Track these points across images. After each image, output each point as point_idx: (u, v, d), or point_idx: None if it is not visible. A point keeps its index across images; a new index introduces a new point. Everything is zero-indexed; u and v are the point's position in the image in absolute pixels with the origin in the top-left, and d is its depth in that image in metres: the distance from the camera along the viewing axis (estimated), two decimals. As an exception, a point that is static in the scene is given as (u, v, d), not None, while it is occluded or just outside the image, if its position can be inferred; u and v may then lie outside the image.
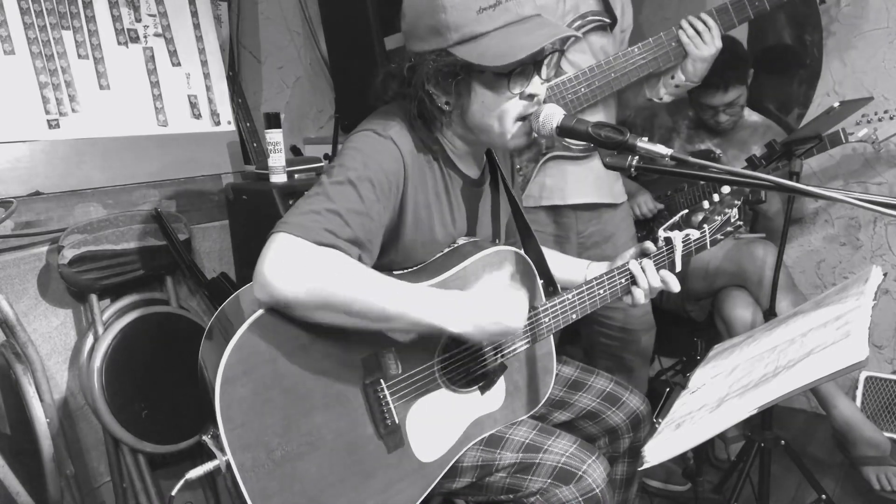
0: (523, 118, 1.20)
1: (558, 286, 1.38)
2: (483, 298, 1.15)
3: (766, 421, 1.84)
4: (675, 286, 1.37)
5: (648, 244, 1.40)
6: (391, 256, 1.24)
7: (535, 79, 1.17)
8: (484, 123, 1.20)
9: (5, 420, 1.69)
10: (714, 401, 1.10)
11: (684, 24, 1.75)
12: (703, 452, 2.31)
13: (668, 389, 1.30)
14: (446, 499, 1.42)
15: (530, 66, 1.15)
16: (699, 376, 1.30)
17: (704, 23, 1.73)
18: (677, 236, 1.41)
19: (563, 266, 1.50)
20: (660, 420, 1.18)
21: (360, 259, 1.11)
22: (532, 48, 1.10)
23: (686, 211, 1.46)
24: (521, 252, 1.34)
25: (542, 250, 1.38)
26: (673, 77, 1.85)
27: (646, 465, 1.03)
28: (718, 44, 1.75)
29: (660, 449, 1.04)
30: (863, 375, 2.45)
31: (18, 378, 1.62)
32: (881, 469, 2.08)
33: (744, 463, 1.84)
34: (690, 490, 2.13)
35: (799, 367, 1.00)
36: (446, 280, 1.21)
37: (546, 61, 1.18)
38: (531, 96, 1.18)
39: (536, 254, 1.37)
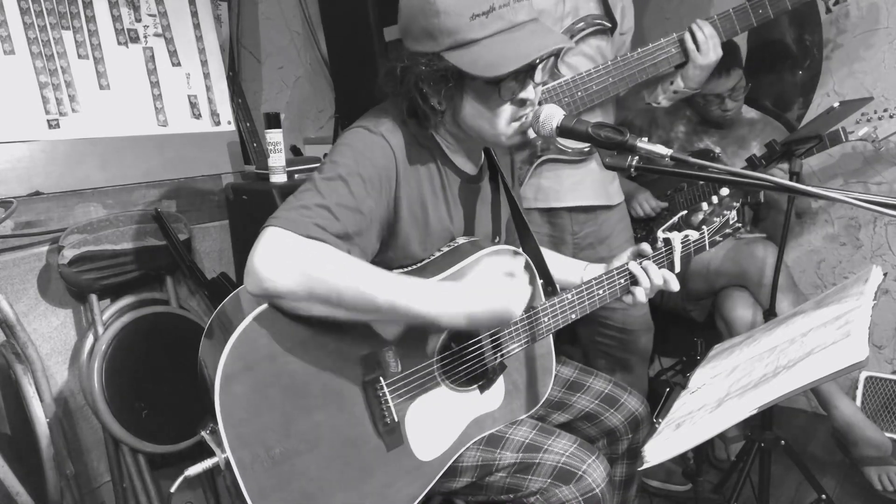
0: (516, 120, 1.20)
1: (557, 286, 1.38)
2: (477, 287, 1.13)
3: (766, 421, 1.84)
4: (675, 285, 1.37)
5: (645, 245, 1.40)
6: (389, 253, 1.24)
7: (529, 83, 1.17)
8: (476, 125, 1.20)
9: (5, 420, 1.69)
10: (714, 401, 1.10)
11: (694, 28, 1.76)
12: (703, 452, 2.31)
13: (668, 389, 1.30)
14: (446, 498, 1.42)
15: (523, 71, 1.14)
16: (699, 376, 1.30)
17: (704, 32, 1.75)
18: (676, 237, 1.41)
19: (560, 266, 1.50)
20: (660, 420, 1.18)
21: (349, 254, 1.11)
22: (521, 61, 1.09)
23: (685, 212, 1.46)
24: (520, 251, 1.34)
25: (540, 250, 1.38)
26: (672, 83, 1.86)
27: (646, 465, 1.03)
28: (719, 52, 1.76)
29: (660, 449, 1.04)
30: (863, 375, 2.45)
31: (18, 378, 1.62)
32: (882, 469, 2.08)
33: (744, 463, 1.84)
34: (690, 490, 2.13)
35: (799, 368, 1.00)
36: (445, 279, 1.21)
37: (540, 66, 1.18)
38: (523, 101, 1.18)
39: (535, 253, 1.37)
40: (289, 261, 1.04)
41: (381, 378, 1.16)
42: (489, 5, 1.10)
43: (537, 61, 1.15)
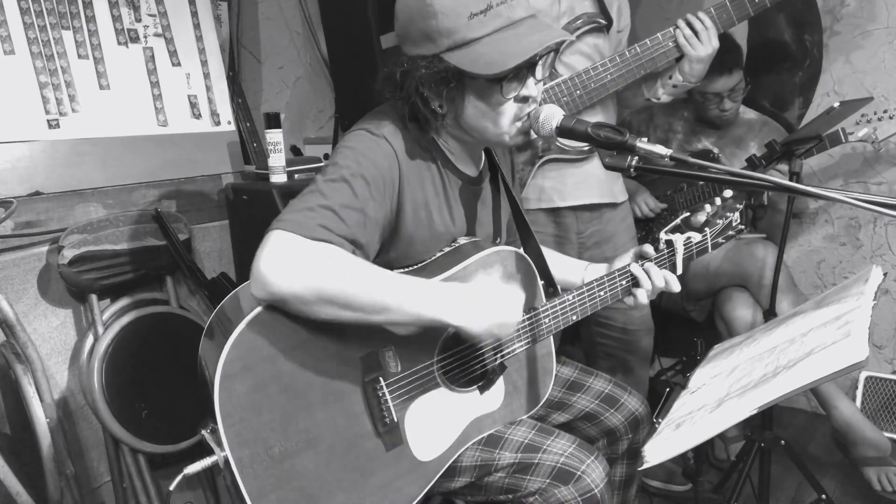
0: (519, 118, 1.20)
1: (558, 287, 1.38)
2: (480, 292, 1.14)
3: (766, 421, 1.84)
4: (676, 287, 1.37)
5: (648, 246, 1.40)
6: (391, 255, 1.24)
7: (530, 80, 1.17)
8: (479, 126, 1.20)
9: (5, 420, 1.69)
10: (714, 401, 1.10)
11: (681, 23, 1.74)
12: (703, 452, 2.31)
13: (668, 389, 1.30)
14: (445, 498, 1.42)
15: (524, 69, 1.14)
16: (699, 376, 1.30)
17: (701, 22, 1.73)
18: (678, 239, 1.41)
19: (562, 266, 1.50)
20: (660, 420, 1.18)
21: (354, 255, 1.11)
22: (523, 56, 1.09)
23: (687, 213, 1.45)
24: (522, 252, 1.34)
25: (542, 250, 1.38)
26: (671, 77, 1.84)
27: (646, 465, 1.03)
28: (715, 43, 1.74)
29: (659, 449, 1.04)
30: (863, 375, 2.45)
31: (18, 378, 1.62)
32: (882, 469, 2.08)
33: (744, 463, 1.84)
34: (690, 490, 2.13)
35: (799, 368, 1.00)
36: (446, 279, 1.21)
37: (541, 62, 1.18)
38: (525, 98, 1.18)
39: (536, 254, 1.36)
40: (296, 265, 1.03)
41: (380, 378, 1.16)
42: (486, 3, 1.10)
43: (538, 57, 1.15)
